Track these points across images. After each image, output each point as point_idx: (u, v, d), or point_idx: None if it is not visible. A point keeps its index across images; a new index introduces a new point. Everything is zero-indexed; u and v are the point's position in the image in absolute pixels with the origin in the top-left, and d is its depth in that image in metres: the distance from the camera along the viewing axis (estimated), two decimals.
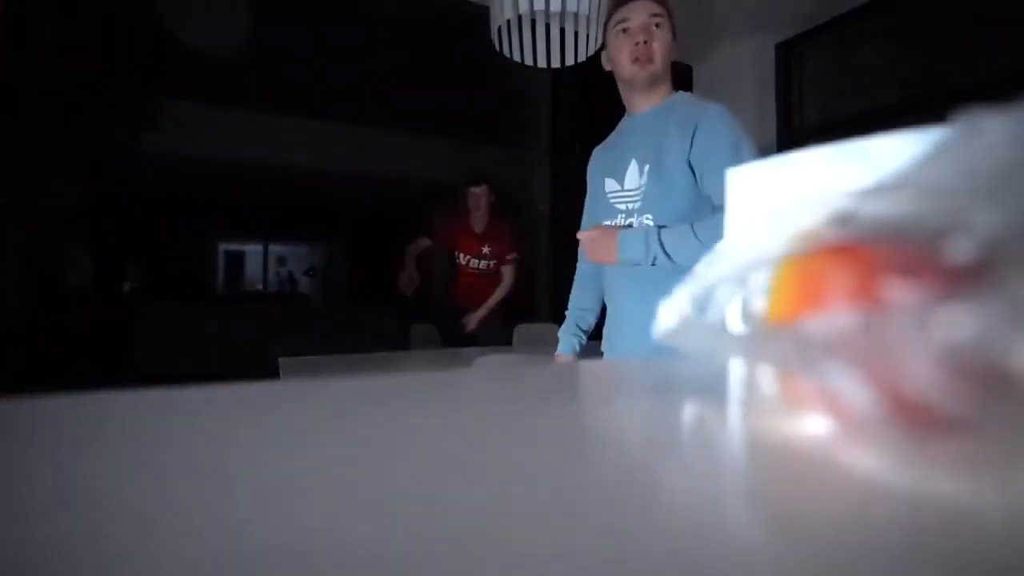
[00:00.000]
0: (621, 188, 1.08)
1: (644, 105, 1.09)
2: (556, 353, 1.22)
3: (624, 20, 1.04)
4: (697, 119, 1.00)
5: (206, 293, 6.76)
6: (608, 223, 1.10)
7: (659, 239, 0.97)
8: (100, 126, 4.13)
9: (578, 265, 1.27)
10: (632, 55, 1.03)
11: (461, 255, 2.47)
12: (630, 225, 1.05)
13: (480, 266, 2.48)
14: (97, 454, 0.17)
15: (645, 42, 1.02)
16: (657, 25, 1.03)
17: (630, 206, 1.06)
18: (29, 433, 0.20)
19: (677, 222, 0.98)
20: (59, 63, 3.63)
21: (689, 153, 0.98)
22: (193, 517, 0.12)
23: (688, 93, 1.11)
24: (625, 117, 1.16)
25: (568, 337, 1.21)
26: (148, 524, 0.12)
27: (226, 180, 5.52)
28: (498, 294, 2.49)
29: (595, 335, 1.25)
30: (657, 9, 1.03)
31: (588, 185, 1.22)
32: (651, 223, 1.02)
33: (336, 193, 6.14)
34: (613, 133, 1.19)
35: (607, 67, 1.13)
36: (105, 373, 3.89)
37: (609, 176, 1.11)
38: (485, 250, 2.46)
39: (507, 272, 2.53)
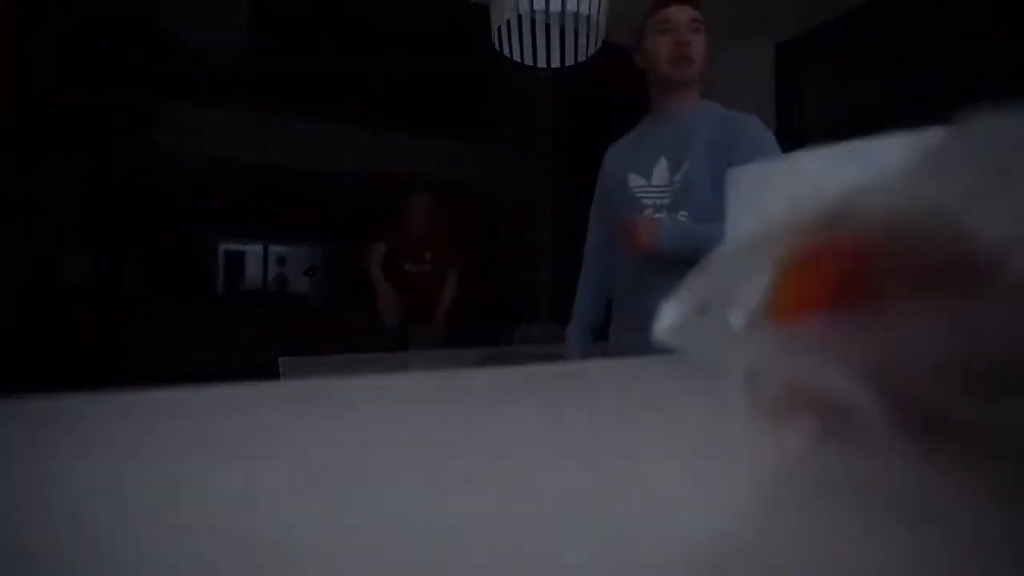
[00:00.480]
0: (648, 183, 1.09)
1: (676, 106, 1.10)
2: (566, 353, 1.21)
3: (666, 21, 1.06)
4: (735, 124, 1.03)
5: (206, 293, 6.76)
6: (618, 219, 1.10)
7: (701, 232, 0.98)
8: (100, 126, 4.13)
9: (585, 263, 1.26)
10: (673, 54, 1.05)
11: (406, 262, 2.52)
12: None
13: (423, 271, 2.52)
14: (97, 454, 0.17)
15: (688, 43, 1.04)
16: (697, 30, 1.06)
17: (658, 201, 1.08)
18: (29, 433, 0.20)
19: (713, 220, 1.00)
20: (59, 63, 3.62)
21: (729, 155, 1.00)
22: (193, 518, 0.12)
23: (715, 102, 1.13)
24: (650, 117, 1.17)
25: (577, 336, 1.21)
26: (148, 525, 0.12)
27: (226, 180, 5.52)
28: (443, 301, 2.51)
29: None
30: (697, 15, 1.06)
31: (604, 179, 1.22)
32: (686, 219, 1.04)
33: (336, 193, 6.13)
34: (635, 131, 1.20)
35: (640, 65, 1.14)
36: (105, 373, 3.88)
37: (633, 171, 1.12)
38: (427, 256, 2.52)
39: (451, 277, 2.56)
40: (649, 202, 1.09)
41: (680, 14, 1.05)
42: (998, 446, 0.13)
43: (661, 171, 1.08)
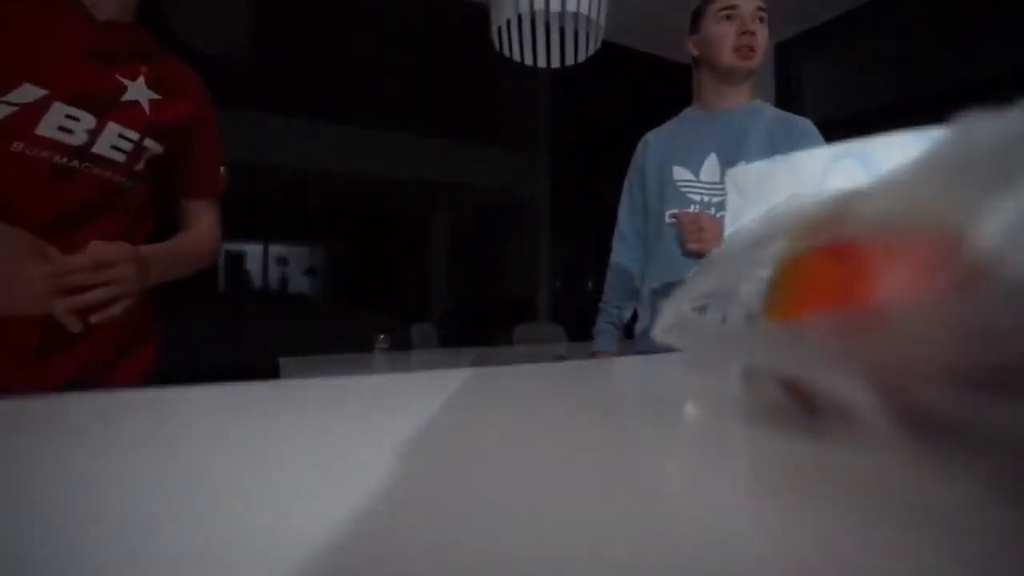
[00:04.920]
0: (696, 179, 1.05)
1: (730, 100, 1.06)
2: (595, 350, 1.19)
3: (730, 7, 1.00)
4: (794, 129, 0.99)
5: (206, 293, 6.77)
6: (675, 211, 1.06)
7: None
8: None
9: (613, 260, 1.22)
10: (738, 44, 1.00)
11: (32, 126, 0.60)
12: None
13: (125, 146, 0.70)
14: (97, 454, 0.17)
15: (753, 33, 0.99)
16: (761, 19, 1.01)
17: (706, 198, 1.03)
18: (29, 433, 0.20)
19: None
20: None
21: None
22: (192, 518, 0.12)
23: (766, 102, 1.09)
24: (697, 109, 1.12)
25: (606, 334, 1.18)
26: (147, 524, 0.12)
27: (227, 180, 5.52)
28: (177, 250, 0.81)
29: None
30: (762, 3, 1.01)
31: (643, 168, 1.15)
32: None
33: (336, 193, 6.14)
34: (676, 121, 1.15)
35: (694, 52, 1.09)
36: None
37: (679, 164, 1.07)
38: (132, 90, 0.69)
39: (204, 214, 0.91)
40: (696, 197, 1.04)
41: (747, 1, 1.00)
42: (998, 446, 0.14)
43: (711, 167, 1.03)
